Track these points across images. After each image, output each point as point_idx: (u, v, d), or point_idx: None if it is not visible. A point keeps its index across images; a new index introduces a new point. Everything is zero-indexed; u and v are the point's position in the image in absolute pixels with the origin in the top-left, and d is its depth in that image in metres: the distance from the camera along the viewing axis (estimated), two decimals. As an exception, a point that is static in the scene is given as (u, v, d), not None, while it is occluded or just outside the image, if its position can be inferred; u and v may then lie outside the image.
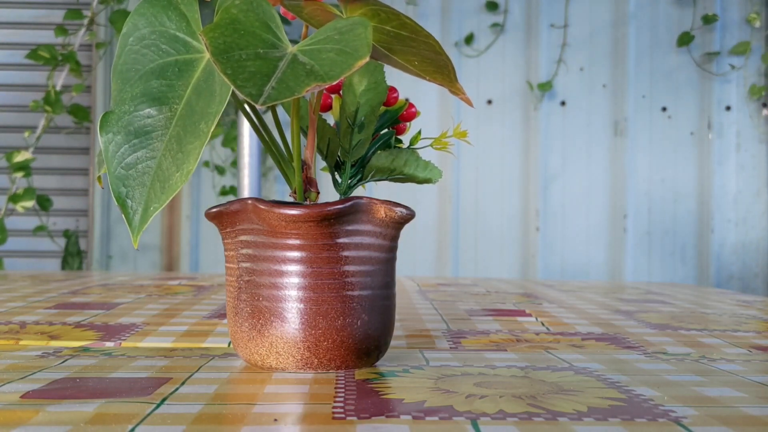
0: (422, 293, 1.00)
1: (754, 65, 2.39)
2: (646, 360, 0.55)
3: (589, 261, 2.40)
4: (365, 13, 0.46)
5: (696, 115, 2.40)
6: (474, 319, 0.74)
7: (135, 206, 0.44)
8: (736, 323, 0.75)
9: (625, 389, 0.44)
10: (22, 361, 0.51)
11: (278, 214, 0.46)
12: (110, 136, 0.45)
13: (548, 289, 1.09)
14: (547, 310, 0.82)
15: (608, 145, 2.39)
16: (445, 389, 0.43)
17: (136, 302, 0.83)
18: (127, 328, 0.65)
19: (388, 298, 0.51)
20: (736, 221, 2.41)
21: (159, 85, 0.45)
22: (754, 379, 0.48)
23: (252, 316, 0.48)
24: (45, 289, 0.95)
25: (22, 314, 0.72)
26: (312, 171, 0.51)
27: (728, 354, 0.58)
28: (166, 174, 0.44)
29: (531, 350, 0.58)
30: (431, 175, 0.54)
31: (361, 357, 0.49)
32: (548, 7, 2.39)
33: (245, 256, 0.49)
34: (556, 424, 0.37)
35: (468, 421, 0.37)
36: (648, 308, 0.87)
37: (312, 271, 0.47)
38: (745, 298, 1.02)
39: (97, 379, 0.45)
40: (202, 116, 0.44)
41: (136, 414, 0.38)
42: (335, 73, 0.39)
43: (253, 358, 0.49)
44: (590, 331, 0.68)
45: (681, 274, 2.41)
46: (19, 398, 0.41)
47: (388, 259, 0.51)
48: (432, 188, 2.36)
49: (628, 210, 2.38)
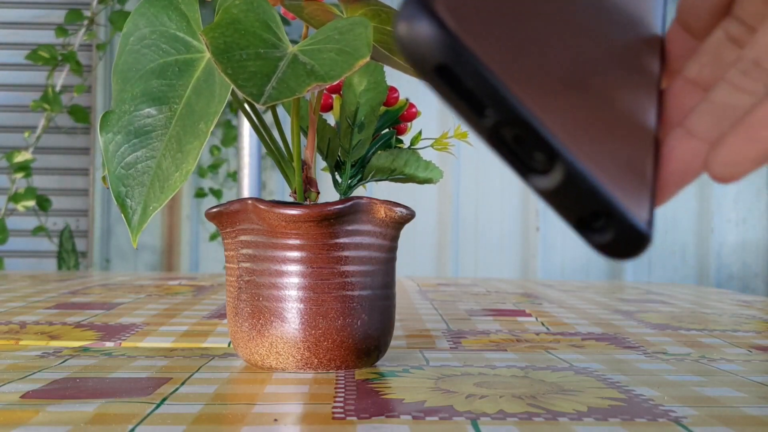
0: (422, 293, 1.00)
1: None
2: (646, 360, 0.55)
3: (589, 261, 2.40)
4: (366, 14, 0.46)
5: (696, 115, 2.40)
6: (474, 319, 0.74)
7: (134, 206, 0.44)
8: (736, 323, 0.75)
9: (625, 389, 0.44)
10: (22, 361, 0.51)
11: (278, 214, 0.46)
12: (110, 135, 0.45)
13: (548, 289, 1.09)
14: (547, 310, 0.82)
15: (608, 145, 2.39)
16: (445, 389, 0.43)
17: (136, 302, 0.83)
18: (127, 328, 0.65)
19: (388, 298, 0.51)
20: (736, 221, 2.41)
21: (159, 84, 0.45)
22: (754, 379, 0.48)
23: (252, 316, 0.48)
24: (45, 289, 0.95)
25: (22, 314, 0.72)
26: (312, 171, 0.51)
27: (728, 354, 0.58)
28: (165, 174, 0.44)
29: (531, 350, 0.58)
30: (432, 175, 0.54)
31: (361, 357, 0.49)
32: (548, 7, 2.39)
33: (245, 256, 0.49)
34: (556, 424, 0.37)
35: (468, 421, 0.37)
36: (648, 308, 0.87)
37: (312, 271, 0.47)
38: (745, 298, 1.02)
39: (97, 379, 0.45)
40: (202, 116, 0.44)
41: (136, 414, 0.38)
42: (336, 73, 0.39)
43: (253, 358, 0.49)
44: (590, 331, 0.68)
45: (681, 274, 2.41)
46: (19, 398, 0.41)
47: (388, 259, 0.51)
48: (432, 188, 2.36)
49: (628, 210, 2.38)
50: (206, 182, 2.39)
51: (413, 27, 0.22)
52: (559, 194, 0.24)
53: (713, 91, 0.28)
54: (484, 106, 0.23)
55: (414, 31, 0.22)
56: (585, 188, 0.24)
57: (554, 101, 0.24)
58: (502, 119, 0.23)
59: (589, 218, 0.24)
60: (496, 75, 0.22)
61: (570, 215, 0.24)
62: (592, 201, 0.24)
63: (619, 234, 0.24)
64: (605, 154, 0.25)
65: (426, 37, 0.22)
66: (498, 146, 0.23)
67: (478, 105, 0.23)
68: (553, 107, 0.24)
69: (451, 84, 0.23)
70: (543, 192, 0.24)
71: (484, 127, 0.23)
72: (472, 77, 0.22)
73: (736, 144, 0.26)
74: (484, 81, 0.22)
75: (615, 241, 0.24)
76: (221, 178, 2.37)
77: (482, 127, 0.23)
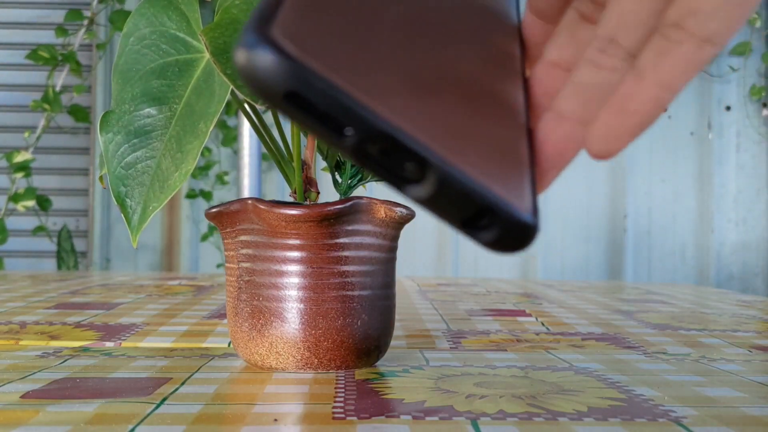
0: (422, 293, 1.00)
1: (753, 65, 2.39)
2: (646, 360, 0.55)
3: (589, 261, 2.40)
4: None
5: (696, 115, 2.41)
6: (474, 319, 0.74)
7: (134, 205, 0.44)
8: (736, 323, 0.75)
9: (625, 389, 0.44)
10: (22, 361, 0.51)
11: (278, 214, 0.46)
12: (110, 135, 0.45)
13: (548, 289, 1.09)
14: (547, 310, 0.82)
15: (608, 145, 2.39)
16: (445, 389, 0.43)
17: (136, 302, 0.83)
18: (127, 328, 0.65)
19: (388, 298, 0.51)
20: (736, 221, 2.41)
21: (159, 85, 0.45)
22: (754, 379, 0.48)
23: (252, 316, 0.48)
24: (45, 289, 0.95)
25: (22, 314, 0.72)
26: (312, 171, 0.51)
27: (728, 354, 0.58)
28: (165, 174, 0.44)
29: (531, 350, 0.58)
30: (431, 175, 0.54)
31: (361, 357, 0.49)
32: (548, 7, 2.39)
33: (245, 256, 0.49)
34: (556, 424, 0.37)
35: (468, 421, 0.37)
36: (648, 308, 0.87)
37: (312, 271, 0.47)
38: (745, 298, 1.02)
39: (97, 379, 0.45)
40: (202, 116, 0.44)
41: (136, 414, 0.38)
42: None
43: (253, 358, 0.49)
44: (590, 331, 0.68)
45: (681, 274, 2.41)
46: (19, 398, 0.41)
47: (388, 259, 0.51)
48: (432, 188, 2.35)
49: (628, 210, 2.38)
50: (198, 183, 2.38)
51: (254, 57, 0.21)
52: (439, 200, 0.23)
53: (576, 72, 0.28)
54: (342, 125, 0.22)
55: (255, 62, 0.21)
56: (462, 190, 0.23)
57: (414, 108, 0.23)
58: (363, 136, 0.22)
59: (473, 218, 0.24)
60: (348, 92, 0.22)
61: (453, 219, 0.24)
62: (472, 202, 0.23)
63: (505, 229, 0.24)
64: (477, 151, 0.24)
65: (269, 67, 0.21)
66: (366, 163, 0.23)
67: (336, 125, 0.22)
68: (414, 114, 0.23)
69: (304, 109, 0.22)
70: (422, 201, 0.23)
71: (347, 147, 0.22)
72: (324, 99, 0.21)
73: (609, 120, 0.26)
74: (337, 101, 0.21)
75: (502, 237, 0.24)
76: (212, 179, 2.37)
77: (345, 147, 0.22)
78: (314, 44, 0.22)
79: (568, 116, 0.28)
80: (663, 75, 0.26)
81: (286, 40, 0.21)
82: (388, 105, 0.22)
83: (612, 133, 0.26)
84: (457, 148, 0.24)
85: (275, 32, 0.21)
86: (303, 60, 0.21)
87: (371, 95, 0.22)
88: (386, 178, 0.23)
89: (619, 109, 0.26)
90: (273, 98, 0.21)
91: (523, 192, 0.25)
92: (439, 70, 0.26)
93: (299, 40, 0.22)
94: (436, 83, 0.25)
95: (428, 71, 0.26)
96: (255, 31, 0.21)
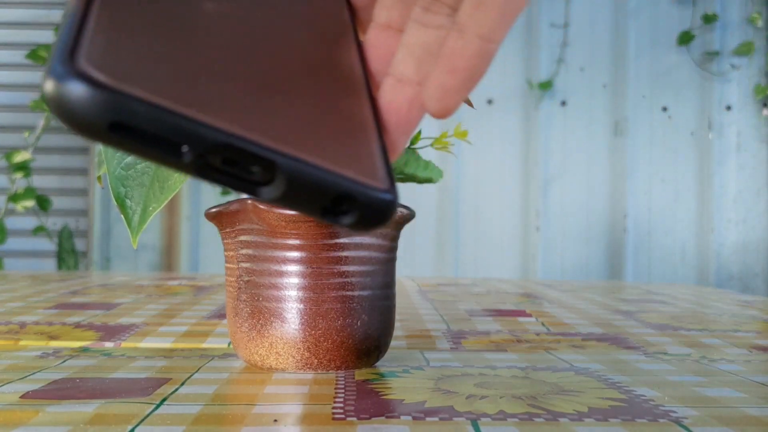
0: (422, 293, 1.00)
1: (756, 65, 2.39)
2: (647, 360, 0.54)
3: (589, 261, 2.40)
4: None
5: (696, 114, 2.40)
6: (474, 320, 0.74)
7: (134, 206, 0.44)
8: (736, 323, 0.75)
9: (625, 389, 0.44)
10: (22, 361, 0.51)
11: (278, 214, 0.46)
12: (110, 136, 0.45)
13: (548, 289, 1.09)
14: (548, 311, 0.82)
15: (608, 145, 2.39)
16: (446, 390, 0.43)
17: (135, 302, 0.83)
18: (126, 329, 0.65)
19: (388, 298, 0.51)
20: (737, 221, 2.41)
21: (159, 84, 0.45)
22: (754, 380, 0.48)
23: (252, 317, 0.48)
24: (45, 289, 0.95)
25: (22, 314, 0.72)
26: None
27: (729, 354, 0.58)
28: (165, 174, 0.44)
29: (531, 350, 0.58)
30: (432, 175, 0.54)
31: (361, 357, 0.49)
32: (548, 6, 2.39)
33: (245, 256, 0.49)
34: (556, 424, 0.37)
35: (468, 422, 0.37)
36: (648, 308, 0.87)
37: (312, 271, 0.47)
38: (745, 298, 1.02)
39: (96, 380, 0.45)
40: (202, 116, 0.44)
41: (135, 414, 0.37)
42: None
43: (253, 359, 0.49)
44: (591, 331, 0.68)
45: (681, 274, 2.41)
46: (18, 398, 0.40)
47: (388, 259, 0.51)
48: (432, 188, 2.36)
49: (628, 210, 2.38)
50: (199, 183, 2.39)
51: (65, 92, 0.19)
52: (294, 196, 0.23)
53: (406, 33, 0.28)
54: (177, 145, 0.21)
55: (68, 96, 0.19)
56: (314, 183, 0.23)
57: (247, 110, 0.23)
58: (201, 150, 0.21)
59: (332, 205, 0.23)
60: (174, 110, 0.21)
61: (312, 210, 0.23)
62: (326, 191, 0.23)
63: (364, 210, 0.24)
64: (321, 138, 0.24)
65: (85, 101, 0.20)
66: (213, 177, 0.22)
67: (171, 146, 0.21)
68: (248, 116, 0.23)
69: (132, 137, 0.21)
70: (278, 200, 0.23)
71: (188, 165, 0.22)
72: (151, 123, 0.20)
73: (440, 78, 0.26)
74: (165, 121, 0.21)
75: (362, 217, 0.24)
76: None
77: (187, 166, 0.22)
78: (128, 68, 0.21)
79: (406, 79, 0.28)
80: (481, 27, 0.26)
81: (97, 68, 0.20)
82: (219, 114, 0.22)
83: (444, 92, 0.26)
84: (299, 140, 0.23)
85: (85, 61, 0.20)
86: (120, 88, 0.20)
87: (200, 107, 0.22)
88: (236, 186, 0.23)
89: (447, 66, 0.26)
90: (96, 132, 0.20)
91: (375, 168, 0.25)
92: (264, 64, 0.25)
93: (111, 66, 0.20)
94: (264, 79, 0.25)
95: (253, 68, 0.25)
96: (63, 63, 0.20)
